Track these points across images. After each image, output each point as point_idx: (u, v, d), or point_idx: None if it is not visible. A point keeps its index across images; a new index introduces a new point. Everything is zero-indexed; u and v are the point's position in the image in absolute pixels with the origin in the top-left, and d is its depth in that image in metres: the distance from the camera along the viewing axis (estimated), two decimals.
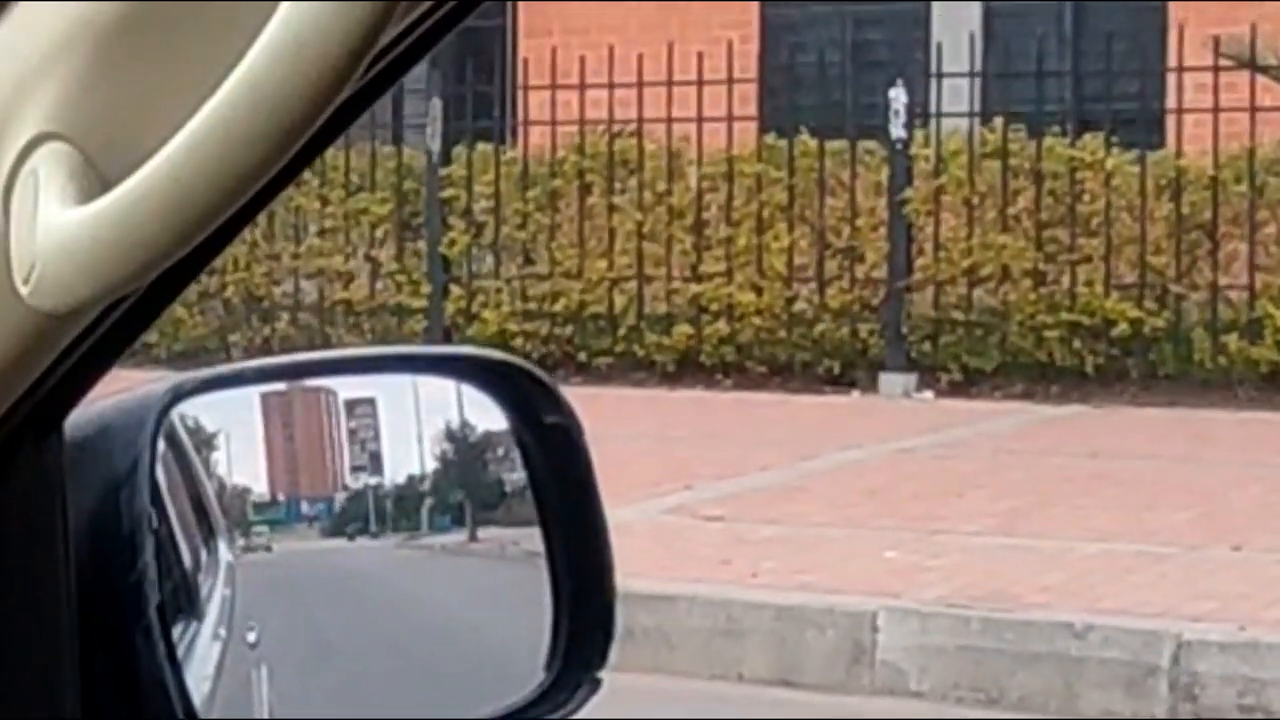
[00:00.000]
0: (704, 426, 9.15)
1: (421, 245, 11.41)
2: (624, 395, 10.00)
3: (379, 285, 11.42)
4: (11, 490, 0.87)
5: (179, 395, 0.97)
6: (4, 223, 0.76)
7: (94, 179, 0.74)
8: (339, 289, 11.50)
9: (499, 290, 11.18)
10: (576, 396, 1.12)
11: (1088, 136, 10.46)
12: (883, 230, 10.55)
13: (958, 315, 10.41)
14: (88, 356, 0.84)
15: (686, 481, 7.45)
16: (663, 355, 10.79)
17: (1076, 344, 10.19)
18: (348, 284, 11.49)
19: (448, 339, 10.94)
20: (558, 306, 10.99)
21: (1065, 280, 10.29)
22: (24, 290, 0.75)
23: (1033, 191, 10.39)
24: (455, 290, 11.26)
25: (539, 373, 1.11)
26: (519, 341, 10.74)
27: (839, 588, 5.62)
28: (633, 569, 4.98)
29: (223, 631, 1.02)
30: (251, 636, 1.03)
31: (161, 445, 0.96)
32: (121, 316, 0.83)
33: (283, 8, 0.67)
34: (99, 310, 0.81)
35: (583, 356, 10.84)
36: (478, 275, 11.26)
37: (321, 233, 11.53)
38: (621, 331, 10.91)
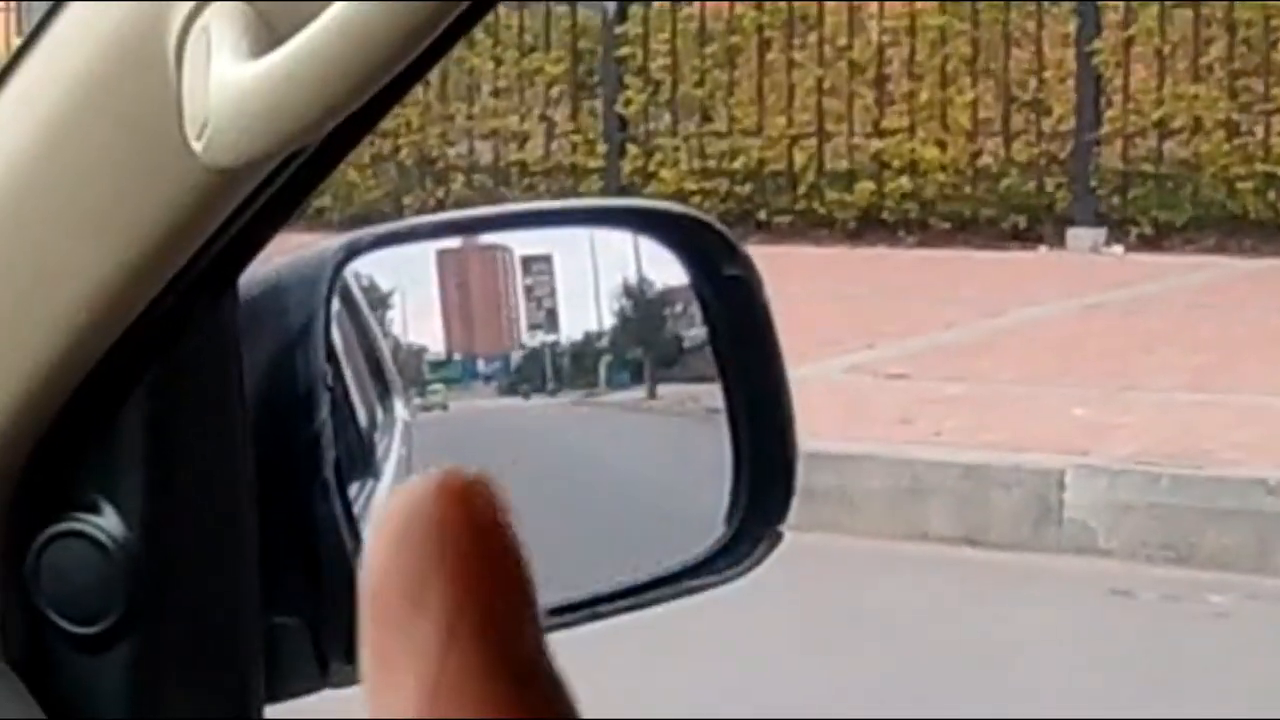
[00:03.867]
0: (886, 284, 9.07)
1: (597, 104, 11.38)
2: (804, 253, 9.93)
3: (554, 145, 11.42)
4: (187, 349, 0.87)
5: (353, 252, 0.97)
6: (177, 80, 0.75)
7: (266, 33, 0.73)
8: (514, 150, 11.52)
9: (676, 149, 11.13)
10: (756, 255, 1.10)
11: None
12: (1070, 82, 10.32)
13: (1148, 168, 10.18)
14: (261, 214, 0.84)
15: (868, 340, 7.40)
16: (844, 212, 10.70)
17: (1271, 196, 9.92)
18: (523, 144, 11.51)
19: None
20: (736, 164, 10.92)
21: (1259, 131, 10.01)
22: (197, 147, 0.74)
23: (1226, 40, 10.09)
24: (632, 149, 11.23)
25: (717, 224, 1.09)
26: (697, 200, 10.69)
27: (1025, 446, 5.57)
28: (813, 428, 4.95)
29: None
30: None
31: (336, 303, 0.95)
32: (295, 173, 0.83)
33: None
34: (272, 167, 0.80)
35: (762, 214, 10.78)
36: (654, 134, 11.21)
37: (496, 93, 11.54)
38: (802, 189, 10.82)
